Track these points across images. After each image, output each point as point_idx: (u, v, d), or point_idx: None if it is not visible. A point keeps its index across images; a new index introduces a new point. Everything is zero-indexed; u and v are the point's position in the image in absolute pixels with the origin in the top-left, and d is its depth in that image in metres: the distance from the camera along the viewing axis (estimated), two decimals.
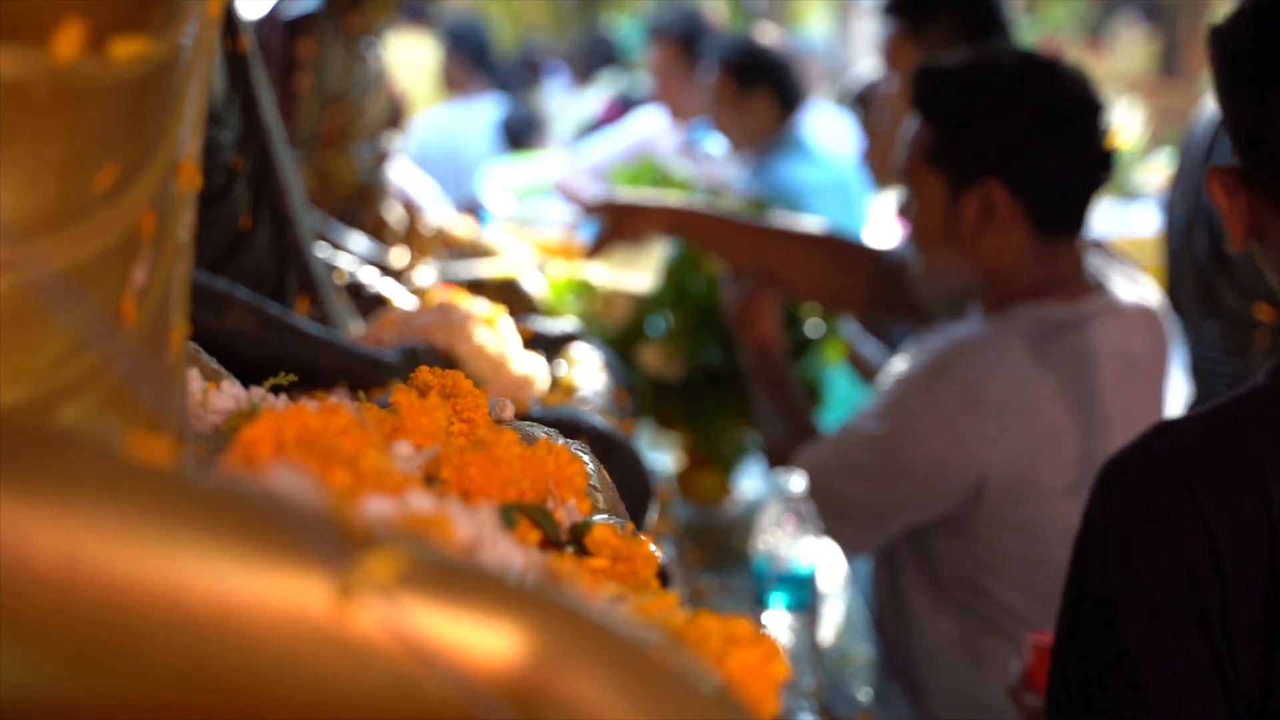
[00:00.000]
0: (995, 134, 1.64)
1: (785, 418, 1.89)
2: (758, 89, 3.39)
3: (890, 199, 2.81)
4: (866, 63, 4.59)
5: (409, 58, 4.52)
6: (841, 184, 3.39)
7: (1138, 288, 1.75)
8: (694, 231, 2.02)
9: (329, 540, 0.48)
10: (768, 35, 4.07)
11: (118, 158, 0.58)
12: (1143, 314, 1.70)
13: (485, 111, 4.66)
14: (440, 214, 2.39)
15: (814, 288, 2.04)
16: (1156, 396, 1.72)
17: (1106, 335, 1.65)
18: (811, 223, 2.22)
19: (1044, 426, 1.62)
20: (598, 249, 2.00)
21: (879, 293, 1.97)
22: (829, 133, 4.01)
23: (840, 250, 2.03)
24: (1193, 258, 2.04)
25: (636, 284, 2.17)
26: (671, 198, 2.20)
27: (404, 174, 2.49)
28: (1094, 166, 1.69)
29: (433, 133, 4.30)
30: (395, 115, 2.25)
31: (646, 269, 2.15)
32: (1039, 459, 1.61)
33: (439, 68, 4.99)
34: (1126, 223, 5.70)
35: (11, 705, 0.44)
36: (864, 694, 1.70)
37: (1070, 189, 1.68)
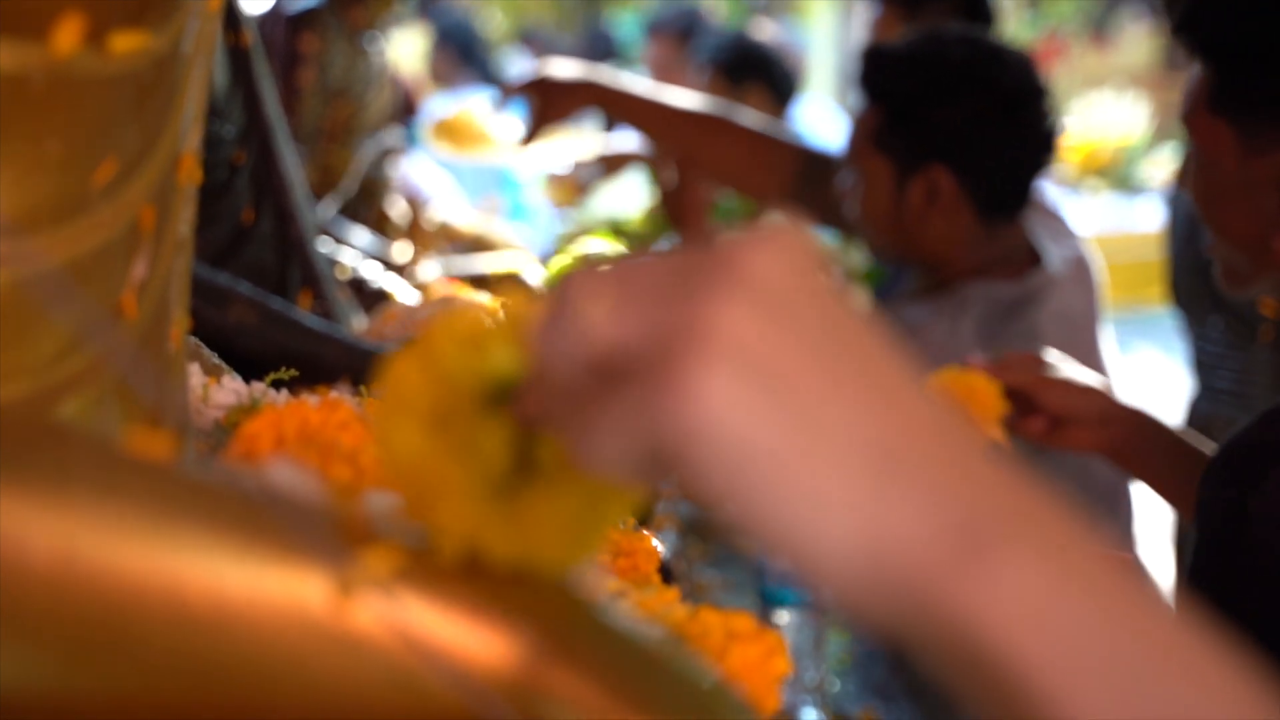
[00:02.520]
0: (943, 121, 1.65)
1: None
2: (750, 84, 3.40)
3: None
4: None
5: (402, 51, 4.52)
6: None
7: (1068, 241, 1.78)
8: (620, 109, 1.98)
9: (328, 535, 0.48)
10: (761, 31, 4.07)
11: (118, 152, 0.58)
12: (1076, 269, 1.74)
13: (469, 104, 4.66)
14: (449, 209, 2.39)
15: (735, 178, 2.04)
16: (1094, 343, 1.75)
17: (1049, 307, 1.68)
18: (746, 115, 2.21)
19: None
20: (531, 133, 1.97)
21: (800, 193, 1.97)
22: (822, 125, 4.01)
23: (765, 146, 2.01)
24: (1196, 253, 2.04)
25: (563, 168, 2.13)
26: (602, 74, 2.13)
27: (421, 169, 2.48)
28: (1038, 150, 1.71)
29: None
30: (408, 107, 2.25)
31: (576, 149, 2.12)
32: None
33: (426, 61, 5.00)
34: (1130, 217, 5.69)
35: (8, 701, 0.44)
36: (865, 691, 1.69)
37: (1015, 173, 1.71)
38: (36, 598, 0.44)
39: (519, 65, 6.22)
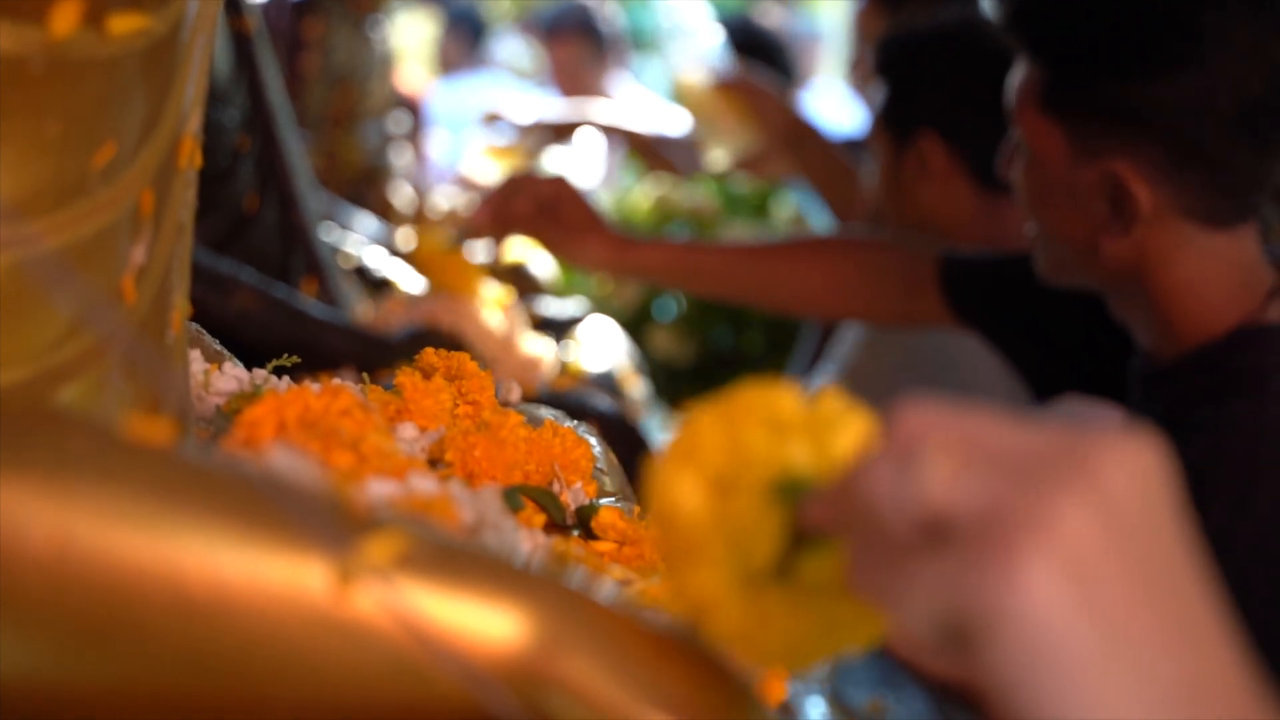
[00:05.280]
0: (930, 89, 1.67)
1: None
2: (756, 69, 3.38)
3: None
4: None
5: (410, 36, 4.51)
6: None
7: None
8: (804, 154, 2.02)
9: (329, 522, 0.47)
10: (769, 16, 4.04)
11: (117, 135, 0.57)
12: None
13: (477, 87, 4.67)
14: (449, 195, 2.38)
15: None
16: None
17: None
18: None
19: (995, 383, 1.65)
20: (728, 79, 2.02)
21: None
22: (835, 112, 4.00)
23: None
24: None
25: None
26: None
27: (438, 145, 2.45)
28: None
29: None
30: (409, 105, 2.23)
31: (726, 141, 2.13)
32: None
33: (435, 46, 5.00)
34: None
35: (6, 689, 0.44)
36: (873, 681, 1.69)
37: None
38: (34, 584, 0.44)
39: (520, 54, 6.22)
